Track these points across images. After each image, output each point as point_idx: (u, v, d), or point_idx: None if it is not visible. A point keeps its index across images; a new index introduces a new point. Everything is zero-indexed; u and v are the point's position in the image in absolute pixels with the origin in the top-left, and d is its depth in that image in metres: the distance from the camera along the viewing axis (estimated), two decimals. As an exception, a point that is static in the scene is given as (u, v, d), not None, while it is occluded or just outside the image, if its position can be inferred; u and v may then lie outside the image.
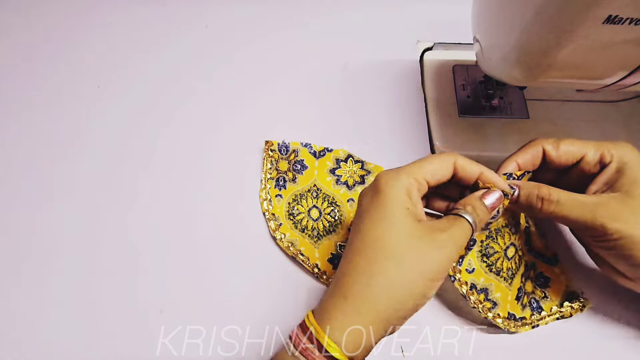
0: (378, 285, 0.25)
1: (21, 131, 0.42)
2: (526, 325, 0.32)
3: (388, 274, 0.25)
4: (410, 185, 0.27)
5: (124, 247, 0.36)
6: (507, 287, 0.31)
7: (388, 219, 0.26)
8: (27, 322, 0.33)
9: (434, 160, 0.28)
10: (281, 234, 0.36)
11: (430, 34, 0.48)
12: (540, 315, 0.32)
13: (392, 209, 0.26)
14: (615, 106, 0.41)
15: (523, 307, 0.32)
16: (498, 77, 0.33)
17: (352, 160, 0.39)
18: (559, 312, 0.33)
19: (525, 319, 0.32)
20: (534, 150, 0.30)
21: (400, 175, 0.27)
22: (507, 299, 0.31)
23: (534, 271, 0.34)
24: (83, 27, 0.49)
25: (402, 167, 0.28)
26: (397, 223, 0.26)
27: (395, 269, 0.25)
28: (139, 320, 0.33)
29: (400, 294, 0.25)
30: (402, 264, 0.25)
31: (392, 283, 0.25)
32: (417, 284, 0.25)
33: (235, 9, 0.50)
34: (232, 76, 0.45)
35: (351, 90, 0.44)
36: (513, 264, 0.32)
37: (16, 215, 0.38)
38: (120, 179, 0.39)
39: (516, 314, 0.32)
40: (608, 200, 0.27)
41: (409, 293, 0.25)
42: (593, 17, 0.24)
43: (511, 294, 0.32)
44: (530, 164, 0.30)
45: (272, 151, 0.39)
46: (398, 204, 0.26)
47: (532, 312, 0.33)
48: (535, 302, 0.33)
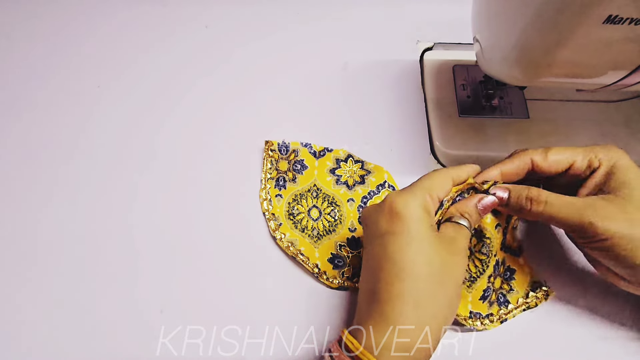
0: (428, 309, 0.25)
1: (21, 131, 0.42)
2: (494, 321, 0.32)
3: (435, 297, 0.26)
4: (427, 202, 0.28)
5: (124, 247, 0.36)
6: (464, 289, 0.32)
7: (417, 240, 0.26)
8: (27, 322, 0.33)
9: (437, 176, 0.29)
10: (281, 234, 0.36)
11: (430, 34, 0.48)
12: (508, 309, 0.33)
13: (418, 229, 0.26)
14: (615, 106, 0.41)
15: (490, 304, 0.33)
16: (498, 77, 0.33)
17: (352, 160, 0.39)
18: (525, 304, 0.33)
19: (493, 315, 0.32)
20: (521, 161, 0.30)
21: (416, 194, 0.28)
22: (465, 300, 0.32)
23: (503, 267, 0.34)
24: (83, 27, 0.49)
25: (414, 186, 0.29)
26: (427, 242, 0.26)
27: (439, 288, 0.26)
28: (139, 320, 0.33)
29: (445, 311, 0.26)
30: (443, 281, 0.26)
31: (438, 303, 0.26)
32: (454, 296, 0.27)
33: (235, 9, 0.50)
34: (232, 76, 0.45)
35: (351, 90, 0.44)
36: (472, 268, 0.32)
37: (16, 215, 0.38)
38: (120, 178, 0.39)
39: (482, 312, 0.32)
40: (596, 201, 0.28)
41: (451, 308, 0.26)
42: (593, 17, 0.24)
43: (472, 296, 0.32)
44: (514, 174, 0.31)
45: (272, 151, 0.39)
46: (422, 224, 0.27)
47: (499, 308, 0.33)
48: (502, 296, 0.33)
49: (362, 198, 0.38)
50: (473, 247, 0.32)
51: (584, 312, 0.33)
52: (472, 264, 0.32)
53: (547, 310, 0.33)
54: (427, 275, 0.26)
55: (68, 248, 0.36)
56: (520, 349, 0.32)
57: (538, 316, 0.33)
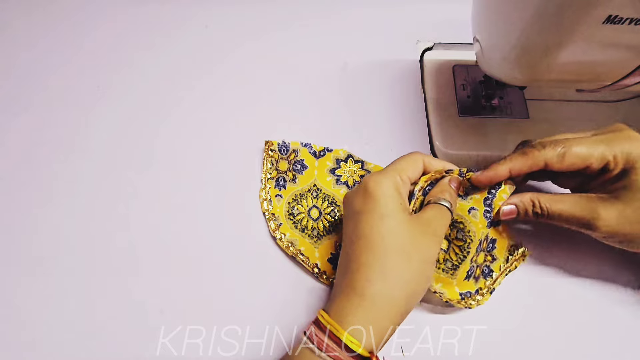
0: (393, 280, 0.27)
1: (21, 131, 0.42)
2: (484, 294, 0.33)
3: (400, 268, 0.27)
4: (397, 183, 0.30)
5: (124, 247, 0.36)
6: (449, 277, 0.32)
7: (387, 216, 0.28)
8: (27, 322, 0.33)
9: (408, 160, 0.31)
10: (281, 234, 0.36)
11: (430, 34, 0.48)
12: (493, 278, 0.34)
13: (388, 206, 0.28)
14: (615, 106, 0.41)
15: (476, 280, 0.33)
16: (498, 77, 0.33)
17: (352, 160, 0.39)
18: (507, 269, 0.34)
19: (482, 289, 0.33)
20: (534, 163, 0.30)
21: (388, 175, 0.30)
22: (451, 285, 0.32)
23: (486, 241, 0.34)
24: (83, 27, 0.49)
25: (387, 167, 0.31)
26: (396, 219, 0.28)
27: (406, 262, 0.27)
28: (139, 321, 0.33)
29: (413, 285, 0.27)
30: (410, 256, 0.27)
31: (405, 276, 0.27)
32: (424, 271, 0.28)
33: (235, 9, 0.50)
34: (232, 76, 0.45)
35: (351, 90, 0.44)
36: (453, 256, 0.32)
37: (16, 215, 0.38)
38: (120, 179, 0.39)
39: (470, 290, 0.32)
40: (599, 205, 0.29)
41: (419, 281, 0.28)
42: (593, 17, 0.24)
43: (457, 280, 0.32)
44: (524, 173, 0.31)
45: (272, 151, 0.39)
46: (393, 201, 0.28)
47: (485, 280, 0.33)
48: (486, 268, 0.34)
49: (362, 198, 0.38)
50: (449, 235, 0.32)
51: (584, 312, 0.33)
52: (453, 252, 0.32)
53: (546, 310, 0.33)
54: (394, 248, 0.27)
55: (68, 248, 0.36)
56: (520, 349, 0.32)
57: (538, 315, 0.33)
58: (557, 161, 0.29)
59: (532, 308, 0.33)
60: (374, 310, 0.26)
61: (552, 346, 0.32)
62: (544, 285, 0.34)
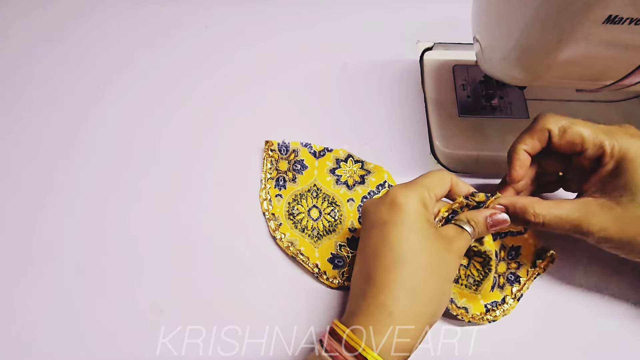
0: (421, 297, 0.26)
1: (21, 131, 0.42)
2: (510, 301, 0.33)
3: (428, 285, 0.26)
4: (425, 198, 0.28)
5: (124, 247, 0.36)
6: (473, 293, 0.32)
7: (416, 229, 0.27)
8: (27, 322, 0.33)
9: (436, 176, 0.30)
10: (281, 234, 0.36)
11: (430, 34, 0.48)
12: (521, 283, 0.33)
13: (416, 220, 0.27)
14: (615, 106, 0.41)
15: (502, 288, 0.33)
16: (498, 77, 0.33)
17: (352, 160, 0.39)
18: (534, 273, 0.34)
19: (508, 296, 0.33)
20: (540, 135, 0.30)
21: (416, 189, 0.29)
22: (476, 299, 0.32)
23: (504, 251, 0.34)
24: (83, 27, 0.49)
25: (414, 182, 0.30)
26: (424, 233, 0.27)
27: (433, 278, 0.26)
28: (139, 320, 0.33)
29: (437, 301, 0.27)
30: (437, 273, 0.27)
31: (432, 292, 0.26)
32: (446, 289, 0.28)
33: (235, 9, 0.50)
34: (232, 76, 0.45)
35: (351, 90, 0.44)
36: (475, 272, 0.32)
37: (16, 215, 0.38)
38: (119, 179, 0.39)
39: (497, 300, 0.33)
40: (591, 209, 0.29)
41: (443, 299, 0.27)
42: (593, 17, 0.24)
43: (482, 295, 0.32)
44: (538, 148, 0.31)
45: (272, 151, 0.39)
46: (420, 216, 0.27)
47: (511, 286, 0.33)
48: (512, 275, 0.34)
49: (362, 198, 0.38)
50: (468, 252, 0.32)
51: (584, 311, 0.33)
52: (474, 268, 0.32)
53: (546, 310, 0.33)
54: (423, 264, 0.26)
55: (68, 248, 0.36)
56: (520, 349, 0.32)
57: (538, 315, 0.33)
58: (558, 134, 0.29)
59: (532, 308, 0.33)
60: (402, 332, 0.25)
61: (552, 346, 0.32)
62: (544, 286, 0.34)
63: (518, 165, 0.30)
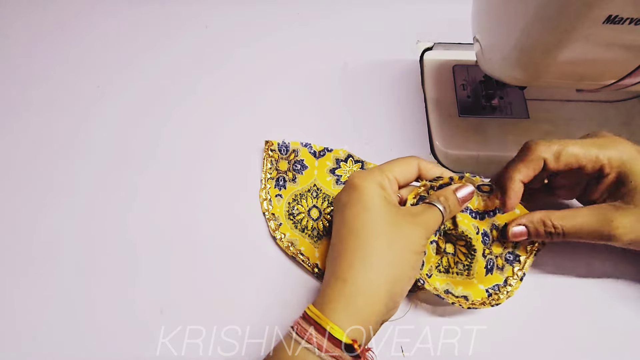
0: (374, 264, 0.27)
1: (21, 131, 0.42)
2: (512, 282, 0.32)
3: (381, 252, 0.27)
4: (382, 179, 0.30)
5: (124, 247, 0.36)
6: (467, 279, 0.32)
7: (370, 207, 0.28)
8: (27, 322, 0.33)
9: (400, 161, 0.32)
10: (281, 234, 0.36)
11: (430, 34, 0.48)
12: (521, 262, 0.33)
13: (371, 198, 0.29)
14: (615, 106, 0.41)
15: (501, 270, 0.33)
16: (498, 77, 0.33)
17: (352, 160, 0.39)
18: (533, 250, 0.33)
19: (509, 277, 0.33)
20: (535, 165, 0.30)
21: (373, 171, 0.30)
22: (474, 285, 0.32)
23: (496, 230, 0.34)
24: (83, 27, 0.49)
25: (375, 167, 0.32)
26: (378, 209, 0.28)
27: (386, 246, 0.27)
28: (139, 320, 0.33)
29: (395, 269, 0.27)
30: (391, 241, 0.27)
31: (386, 258, 0.27)
32: (408, 258, 0.28)
33: (235, 9, 0.50)
34: (232, 76, 0.45)
35: (351, 90, 0.44)
36: (462, 257, 0.32)
37: (16, 215, 0.38)
38: (120, 179, 0.39)
39: (498, 282, 0.32)
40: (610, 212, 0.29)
41: (403, 267, 0.28)
42: (593, 17, 0.24)
43: (478, 278, 0.32)
44: (532, 176, 0.31)
45: (272, 151, 0.39)
46: (375, 194, 0.29)
47: (512, 266, 0.33)
48: (510, 254, 0.33)
49: (362, 198, 0.38)
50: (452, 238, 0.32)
51: (584, 311, 0.33)
52: (460, 253, 0.32)
53: (547, 310, 0.33)
54: (375, 234, 0.27)
55: (68, 248, 0.36)
56: (520, 349, 0.32)
57: (538, 314, 0.33)
58: (553, 160, 0.30)
59: (532, 308, 0.33)
60: (356, 296, 0.26)
61: (552, 346, 0.32)
62: (544, 285, 0.34)
63: (514, 196, 0.31)
